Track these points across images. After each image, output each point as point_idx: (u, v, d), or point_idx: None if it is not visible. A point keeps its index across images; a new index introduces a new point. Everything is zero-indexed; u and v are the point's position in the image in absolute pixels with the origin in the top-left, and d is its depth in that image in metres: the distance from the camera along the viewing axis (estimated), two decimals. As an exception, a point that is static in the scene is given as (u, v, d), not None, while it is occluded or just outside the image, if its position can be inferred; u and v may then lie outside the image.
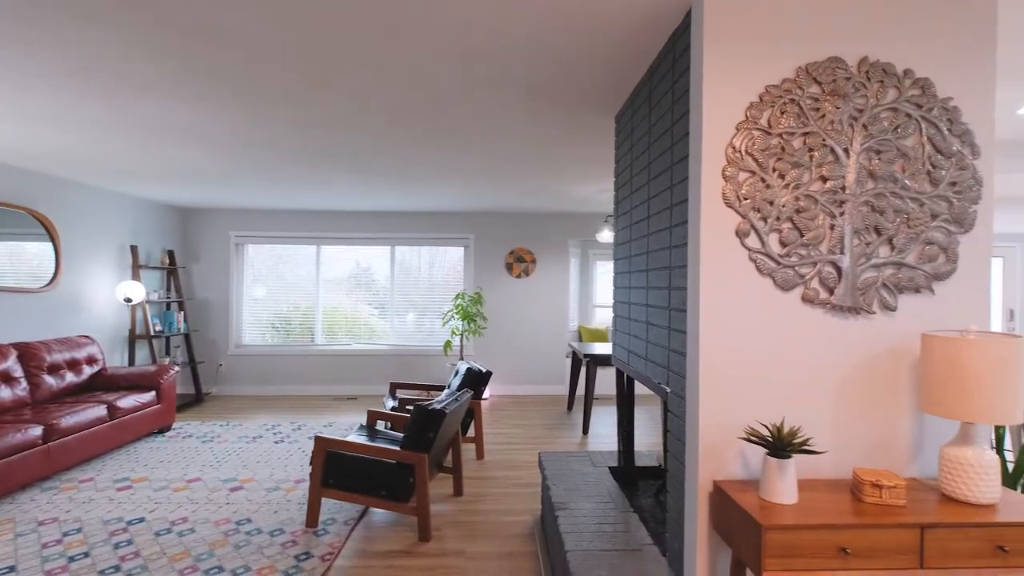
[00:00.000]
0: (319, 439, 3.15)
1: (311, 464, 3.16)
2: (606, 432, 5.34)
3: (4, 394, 3.97)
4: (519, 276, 7.15)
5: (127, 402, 4.49)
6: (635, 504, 2.64)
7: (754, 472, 1.79)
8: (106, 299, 5.58)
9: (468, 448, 4.78)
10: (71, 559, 2.76)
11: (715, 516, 1.73)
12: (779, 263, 1.78)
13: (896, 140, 1.80)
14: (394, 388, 4.99)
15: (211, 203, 6.53)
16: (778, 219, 1.78)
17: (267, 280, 7.18)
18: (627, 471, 3.04)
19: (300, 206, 6.67)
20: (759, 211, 1.78)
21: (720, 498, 1.69)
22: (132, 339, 5.83)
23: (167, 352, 6.66)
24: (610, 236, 5.93)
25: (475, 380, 4.44)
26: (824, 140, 1.79)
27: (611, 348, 4.95)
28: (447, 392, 3.64)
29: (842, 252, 1.78)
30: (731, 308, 1.78)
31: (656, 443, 4.96)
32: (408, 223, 7.10)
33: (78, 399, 4.36)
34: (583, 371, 7.03)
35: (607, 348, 5.51)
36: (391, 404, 4.60)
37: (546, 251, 7.17)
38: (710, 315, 1.78)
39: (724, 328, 1.78)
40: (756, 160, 1.78)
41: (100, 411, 4.20)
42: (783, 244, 1.79)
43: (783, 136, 1.79)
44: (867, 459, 1.79)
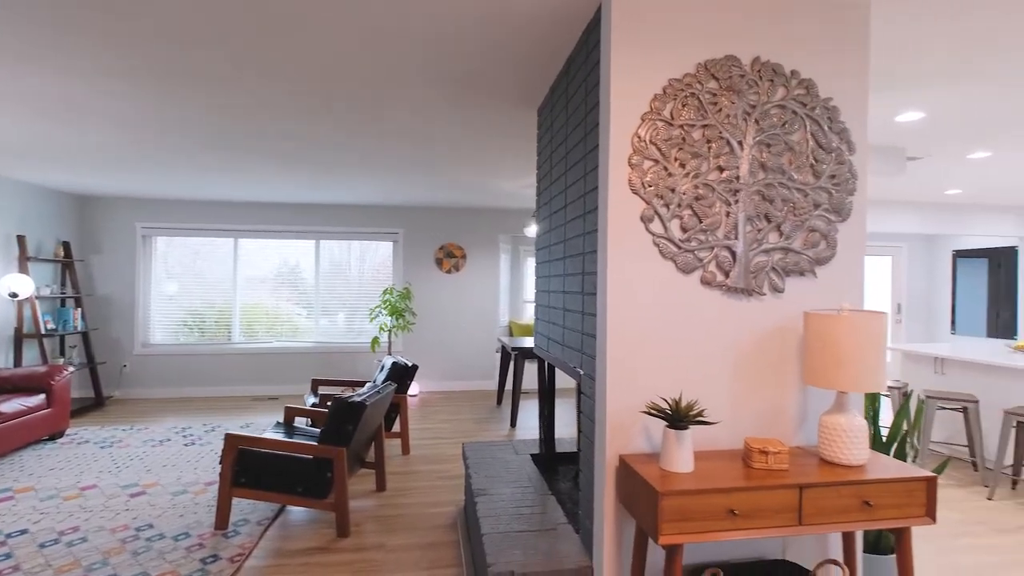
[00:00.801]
0: (229, 436, 3.00)
1: (221, 463, 3.00)
2: (535, 424, 5.42)
3: None
4: (449, 271, 7.12)
5: (10, 406, 4.07)
6: (554, 488, 2.70)
7: (657, 446, 1.88)
8: (-14, 294, 5.03)
9: (394, 444, 4.70)
10: (-65, 578, 2.48)
11: (621, 489, 1.81)
12: (680, 247, 1.88)
13: (784, 135, 1.94)
14: (316, 385, 4.82)
15: (114, 191, 6.04)
16: (679, 206, 1.88)
17: (179, 275, 6.73)
18: (548, 457, 3.10)
19: (216, 196, 6.30)
20: (662, 198, 1.87)
21: (625, 471, 1.76)
22: (19, 338, 5.29)
23: (61, 352, 6.09)
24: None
25: (401, 374, 4.37)
26: (721, 133, 1.90)
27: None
28: (369, 385, 3.57)
29: (736, 238, 1.91)
30: (636, 290, 1.86)
31: (581, 433, 5.09)
32: (334, 216, 6.89)
33: (-51, 404, 3.90)
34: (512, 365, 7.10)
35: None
36: (312, 401, 4.44)
37: (477, 246, 7.18)
38: (616, 297, 1.85)
39: (630, 309, 1.86)
40: (660, 149, 1.87)
41: (-24, 416, 3.78)
42: (684, 230, 1.89)
43: (684, 127, 1.89)
44: (759, 430, 1.93)
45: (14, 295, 5.06)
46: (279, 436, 3.36)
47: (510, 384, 7.11)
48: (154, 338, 6.65)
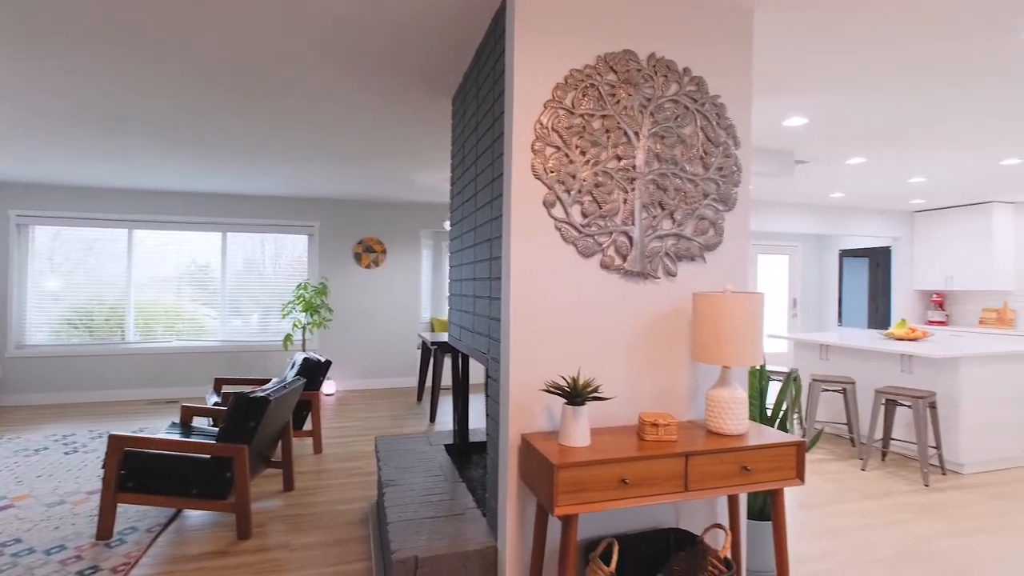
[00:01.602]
0: (113, 437, 2.76)
1: (104, 467, 2.75)
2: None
3: None
4: (369, 267, 6.94)
5: None
6: (465, 475, 2.71)
7: (558, 424, 1.93)
8: None
9: (306, 443, 4.52)
10: None
11: (523, 467, 1.84)
12: (581, 232, 1.95)
13: (677, 128, 2.06)
14: (219, 384, 4.54)
15: (-20, 173, 5.38)
16: (580, 192, 1.95)
17: (68, 270, 6.10)
18: (461, 447, 3.10)
19: (105, 183, 5.77)
20: (563, 184, 1.93)
21: (527, 449, 1.79)
22: None
23: (-86, 356, 5.35)
24: (459, 226, 6.00)
25: (313, 370, 4.21)
26: (619, 123, 1.99)
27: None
28: (275, 381, 3.41)
29: (633, 224, 2.00)
30: (538, 273, 1.91)
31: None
32: (242, 207, 6.51)
33: None
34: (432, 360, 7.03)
35: (455, 336, 5.57)
36: (214, 400, 4.18)
37: (397, 241, 7.05)
38: (519, 280, 1.89)
39: (532, 291, 1.90)
40: (561, 137, 1.93)
41: None
42: (584, 215, 1.95)
43: (584, 116, 1.95)
44: (654, 406, 2.03)
45: None
46: (174, 436, 3.13)
47: (431, 380, 7.04)
48: (32, 339, 5.99)
